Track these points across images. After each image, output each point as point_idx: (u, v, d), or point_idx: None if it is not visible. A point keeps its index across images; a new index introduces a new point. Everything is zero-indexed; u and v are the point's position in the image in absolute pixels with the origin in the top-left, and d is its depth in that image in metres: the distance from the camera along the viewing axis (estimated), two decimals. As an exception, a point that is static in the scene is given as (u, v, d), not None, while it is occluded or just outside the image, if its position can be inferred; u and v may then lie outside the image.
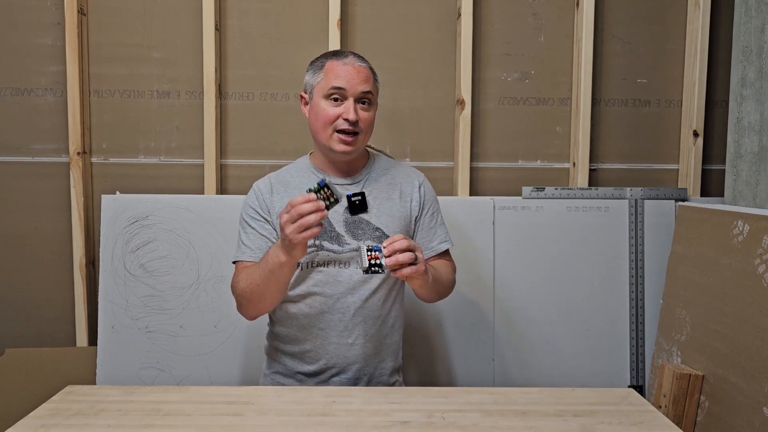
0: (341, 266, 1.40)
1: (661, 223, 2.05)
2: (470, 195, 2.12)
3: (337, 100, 1.36)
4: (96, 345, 1.99)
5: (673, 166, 2.19)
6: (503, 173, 2.18)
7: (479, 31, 2.13)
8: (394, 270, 1.21)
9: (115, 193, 2.01)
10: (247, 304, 1.37)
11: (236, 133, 2.14)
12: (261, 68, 2.13)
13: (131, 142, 2.12)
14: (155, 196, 2.00)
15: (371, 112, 1.40)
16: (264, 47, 2.12)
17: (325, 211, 1.19)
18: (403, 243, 1.21)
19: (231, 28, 2.11)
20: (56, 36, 2.07)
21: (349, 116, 1.34)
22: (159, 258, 1.98)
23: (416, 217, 1.49)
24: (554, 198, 2.05)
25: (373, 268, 1.21)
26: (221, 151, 2.13)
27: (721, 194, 2.08)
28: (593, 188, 2.07)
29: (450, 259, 1.55)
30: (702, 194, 2.14)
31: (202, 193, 2.10)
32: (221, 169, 2.13)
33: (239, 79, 2.13)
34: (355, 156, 1.43)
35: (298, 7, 2.11)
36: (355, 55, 1.42)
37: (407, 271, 1.21)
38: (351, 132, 1.36)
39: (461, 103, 2.10)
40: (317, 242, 1.39)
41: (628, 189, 2.07)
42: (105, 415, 1.16)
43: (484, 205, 2.05)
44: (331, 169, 1.46)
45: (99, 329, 1.97)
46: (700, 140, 2.11)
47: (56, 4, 2.05)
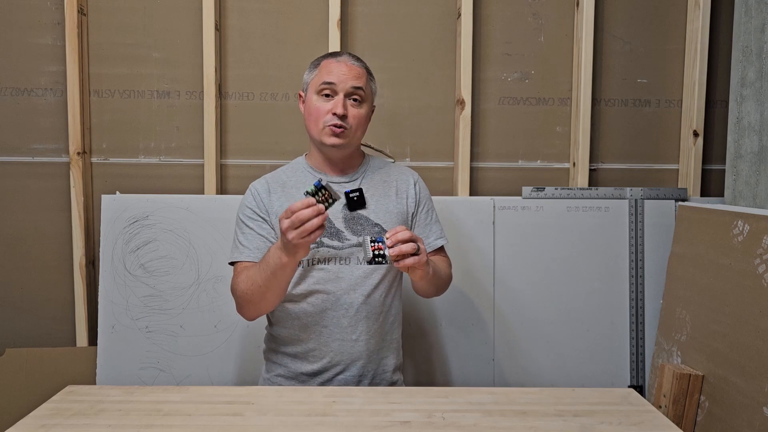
0: (342, 263, 1.41)
1: (661, 223, 2.05)
2: (470, 195, 2.12)
3: (329, 95, 1.39)
4: (96, 345, 1.99)
5: (673, 166, 2.19)
6: (503, 173, 2.18)
7: (479, 31, 2.13)
8: (397, 260, 1.22)
9: (115, 193, 2.01)
10: (248, 306, 1.38)
11: (236, 133, 2.14)
12: (261, 68, 2.13)
13: (131, 142, 2.12)
14: (155, 196, 2.00)
15: (362, 109, 1.41)
16: (264, 47, 2.12)
17: (326, 213, 1.20)
18: (405, 234, 1.22)
19: (231, 28, 2.11)
20: (56, 36, 2.07)
21: (338, 110, 1.36)
22: (159, 258, 1.98)
23: (412, 214, 1.51)
24: (554, 198, 2.05)
25: (377, 259, 1.22)
26: (221, 151, 2.13)
27: (721, 194, 2.08)
28: (593, 188, 2.07)
29: (446, 256, 1.56)
30: (702, 194, 2.14)
31: (202, 193, 2.10)
32: (221, 169, 2.13)
33: (239, 79, 2.13)
34: (347, 152, 1.44)
35: (298, 7, 2.11)
36: (350, 55, 1.45)
37: (410, 261, 1.22)
38: (339, 126, 1.37)
39: (461, 103, 2.10)
40: (318, 239, 1.40)
41: (628, 189, 2.07)
42: (105, 415, 1.16)
43: (484, 205, 2.05)
44: (326, 168, 1.47)
45: (99, 329, 1.97)
46: (700, 140, 2.11)
47: (56, 4, 2.05)
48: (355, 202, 1.41)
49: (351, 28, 2.12)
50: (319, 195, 1.22)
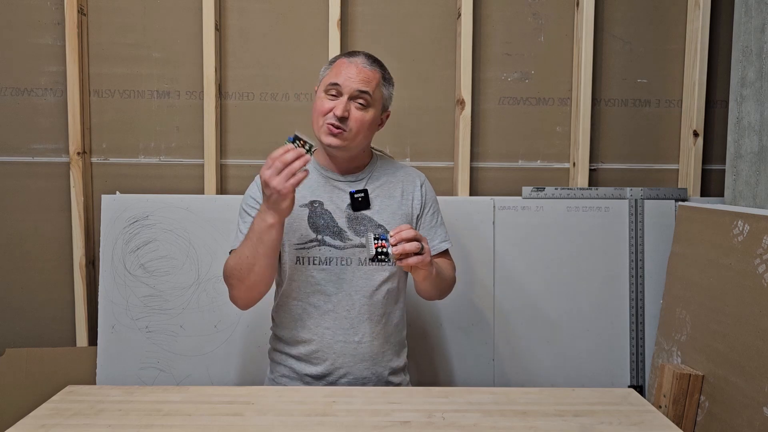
0: (344, 264, 1.40)
1: (661, 223, 2.05)
2: (470, 195, 2.12)
3: (335, 95, 1.38)
4: (96, 345, 1.99)
5: (673, 166, 2.19)
6: (503, 173, 2.18)
7: (479, 31, 2.13)
8: (400, 259, 1.21)
9: (115, 193, 2.01)
10: (238, 284, 1.34)
11: (236, 133, 2.14)
12: (261, 68, 2.13)
13: (131, 142, 2.12)
14: (155, 196, 2.00)
15: (366, 113, 1.38)
16: (264, 47, 2.12)
17: (308, 155, 1.22)
18: (409, 232, 1.21)
19: (231, 28, 2.11)
20: (56, 36, 2.07)
21: (337, 111, 1.35)
22: (159, 258, 1.98)
23: (417, 216, 1.49)
24: (554, 198, 2.05)
25: (380, 257, 1.21)
26: (221, 151, 2.13)
27: (721, 194, 2.08)
28: (593, 188, 2.07)
29: (450, 259, 1.55)
30: (702, 194, 2.14)
31: (202, 193, 2.10)
32: (221, 169, 2.13)
33: (239, 79, 2.13)
34: (348, 153, 1.42)
35: (298, 7, 2.11)
36: (367, 56, 1.42)
37: (413, 260, 1.22)
38: (337, 126, 1.36)
39: (461, 103, 2.10)
40: (319, 237, 1.40)
41: (628, 189, 2.07)
42: (105, 415, 1.16)
43: (484, 205, 2.05)
44: (332, 166, 1.46)
45: (99, 329, 1.97)
46: (700, 140, 2.11)
47: (56, 4, 2.05)
48: (360, 202, 1.40)
49: (351, 28, 2.12)
50: (296, 144, 1.24)
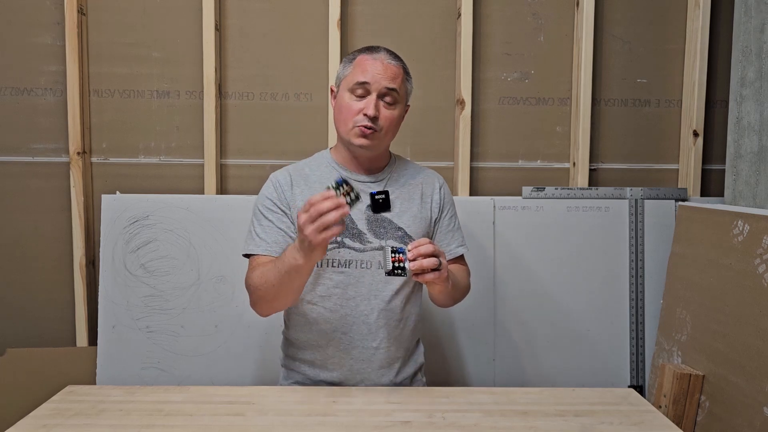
0: (363, 267, 1.37)
1: (661, 223, 2.05)
2: (470, 195, 2.12)
3: (361, 95, 1.34)
4: (96, 345, 1.99)
5: (673, 166, 2.19)
6: (503, 173, 2.18)
7: (479, 31, 2.13)
8: (416, 274, 1.18)
9: (115, 193, 2.01)
10: (261, 303, 1.32)
11: (236, 133, 2.14)
12: (261, 68, 2.12)
13: (131, 142, 2.12)
14: (155, 196, 2.00)
15: (395, 111, 1.36)
16: (264, 47, 2.12)
17: (347, 208, 1.12)
18: (428, 248, 1.18)
19: (231, 28, 2.11)
20: (56, 36, 2.06)
21: (369, 111, 1.31)
22: (159, 258, 1.98)
23: (435, 219, 1.47)
24: (554, 198, 2.06)
25: (396, 271, 1.18)
26: (221, 151, 2.13)
27: (721, 194, 2.08)
28: (593, 188, 2.07)
29: (466, 264, 1.53)
30: (702, 194, 2.14)
31: (202, 193, 2.10)
32: (221, 169, 2.13)
33: (239, 79, 2.13)
34: (375, 153, 1.39)
35: (298, 7, 2.11)
36: (387, 51, 1.38)
37: (430, 276, 1.18)
38: (369, 127, 1.32)
39: (461, 103, 2.10)
40: (339, 239, 1.36)
41: (628, 189, 2.07)
42: (106, 415, 1.16)
43: (484, 205, 2.05)
44: (352, 165, 1.42)
45: (99, 329, 1.97)
46: (700, 140, 2.11)
47: (56, 4, 2.05)
48: (380, 204, 1.37)
49: (351, 28, 2.12)
50: (340, 190, 1.14)
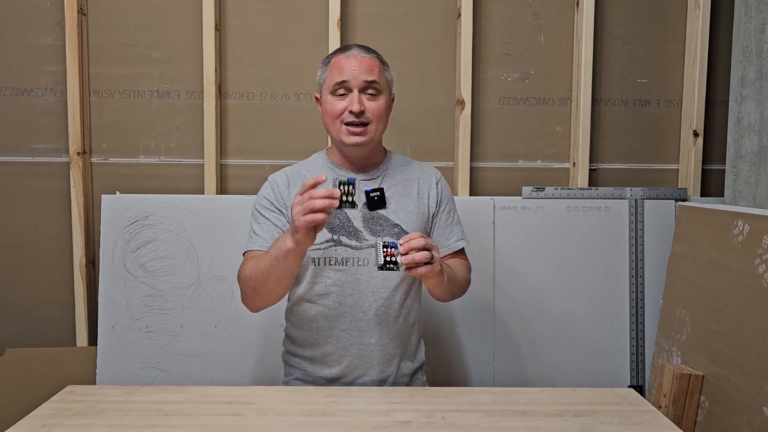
0: (360, 265, 1.38)
1: (661, 223, 2.05)
2: (470, 195, 2.12)
3: (343, 94, 1.36)
4: (96, 345, 1.99)
5: (673, 166, 2.19)
6: (503, 173, 2.18)
7: (479, 31, 2.13)
8: (409, 268, 1.19)
9: (115, 193, 2.01)
10: (251, 293, 1.33)
11: (236, 133, 2.14)
12: (261, 68, 2.12)
13: (131, 142, 2.12)
14: (155, 196, 2.00)
15: (380, 101, 1.38)
16: (264, 47, 2.12)
17: (336, 200, 1.15)
18: (420, 241, 1.19)
19: (231, 28, 2.11)
20: (56, 36, 2.06)
21: (353, 107, 1.33)
22: (159, 258, 1.98)
23: (433, 214, 1.48)
24: (554, 198, 2.05)
25: (388, 265, 1.19)
26: (221, 151, 2.13)
27: (721, 194, 2.08)
28: (593, 188, 2.07)
29: (465, 258, 1.53)
30: (702, 194, 2.14)
31: (202, 193, 2.10)
32: (221, 169, 2.13)
33: (239, 79, 2.13)
34: (369, 148, 1.40)
35: (298, 7, 2.11)
36: (360, 46, 1.40)
37: (422, 270, 1.19)
38: (358, 123, 1.34)
39: (461, 103, 2.10)
40: (335, 237, 1.38)
41: (628, 189, 2.07)
42: (106, 415, 1.16)
43: (484, 205, 2.05)
44: (347, 165, 1.44)
45: (99, 329, 1.97)
46: (700, 140, 2.11)
47: (56, 4, 2.05)
48: (376, 201, 1.38)
49: (351, 28, 2.12)
50: (343, 188, 1.18)
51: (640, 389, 2.01)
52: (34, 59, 2.07)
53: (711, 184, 2.17)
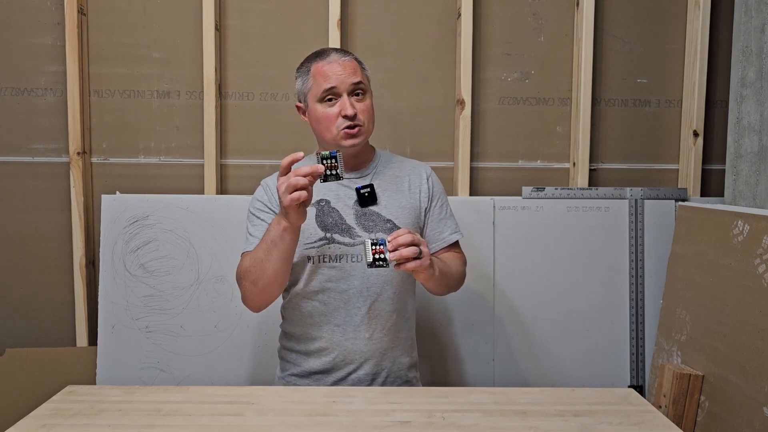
0: (354, 261, 1.40)
1: (661, 223, 2.05)
2: (470, 195, 2.12)
3: (332, 100, 1.38)
4: (96, 345, 1.99)
5: (673, 166, 2.19)
6: (503, 173, 2.18)
7: (479, 31, 2.13)
8: (398, 264, 1.22)
9: (115, 193, 2.01)
10: (251, 287, 1.34)
11: (236, 133, 2.14)
12: (261, 68, 2.12)
13: (131, 142, 2.12)
14: (155, 196, 2.00)
15: (367, 100, 1.41)
16: (264, 47, 2.12)
17: (318, 169, 1.19)
18: (407, 237, 1.21)
19: (231, 28, 2.11)
20: (56, 36, 2.06)
21: (348, 111, 1.36)
22: (159, 258, 1.98)
23: (425, 209, 1.49)
24: (554, 198, 2.05)
25: (378, 263, 1.21)
26: (221, 151, 2.13)
27: (721, 194, 2.08)
28: (593, 188, 2.07)
29: (460, 251, 1.54)
30: (702, 194, 2.14)
31: (202, 193, 2.10)
32: (221, 169, 2.13)
33: (239, 79, 2.13)
34: (359, 148, 1.42)
35: (298, 7, 2.11)
36: (336, 50, 1.43)
37: (411, 265, 1.22)
38: (353, 125, 1.37)
39: (461, 103, 2.10)
40: (328, 235, 1.40)
41: (628, 189, 2.07)
42: (105, 415, 1.16)
43: (484, 205, 2.05)
44: None
45: (99, 329, 1.97)
46: (700, 140, 2.11)
47: (56, 4, 2.05)
48: (366, 198, 1.40)
49: (351, 28, 2.12)
50: (326, 162, 1.22)
51: (640, 389, 2.01)
52: (34, 59, 2.08)
53: (711, 184, 2.17)
